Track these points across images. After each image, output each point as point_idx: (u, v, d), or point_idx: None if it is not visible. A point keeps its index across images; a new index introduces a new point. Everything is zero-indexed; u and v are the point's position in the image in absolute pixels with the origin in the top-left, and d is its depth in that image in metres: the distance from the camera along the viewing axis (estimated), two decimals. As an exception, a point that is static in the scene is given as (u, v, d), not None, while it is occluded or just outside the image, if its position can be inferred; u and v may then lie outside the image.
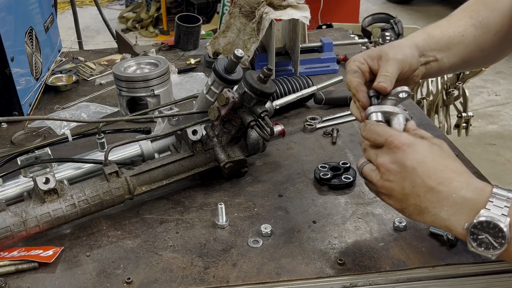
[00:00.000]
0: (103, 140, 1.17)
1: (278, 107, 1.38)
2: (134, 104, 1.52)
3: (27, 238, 0.99)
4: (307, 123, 1.39)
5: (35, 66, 1.62)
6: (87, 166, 1.13)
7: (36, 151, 1.10)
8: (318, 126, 1.39)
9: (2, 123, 1.48)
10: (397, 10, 6.16)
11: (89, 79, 1.79)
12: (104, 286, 0.90)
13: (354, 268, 0.91)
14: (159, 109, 1.26)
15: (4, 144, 1.38)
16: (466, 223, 0.75)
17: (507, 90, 4.30)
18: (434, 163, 0.80)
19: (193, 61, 1.86)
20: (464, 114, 2.40)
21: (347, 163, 1.19)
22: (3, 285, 0.90)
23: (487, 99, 4.16)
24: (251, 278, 0.90)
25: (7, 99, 1.45)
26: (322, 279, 0.90)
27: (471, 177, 0.79)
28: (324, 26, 3.64)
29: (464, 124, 2.43)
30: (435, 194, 0.78)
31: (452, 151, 0.84)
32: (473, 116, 2.43)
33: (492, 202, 0.74)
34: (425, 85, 2.53)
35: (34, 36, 1.64)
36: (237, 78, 1.14)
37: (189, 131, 1.11)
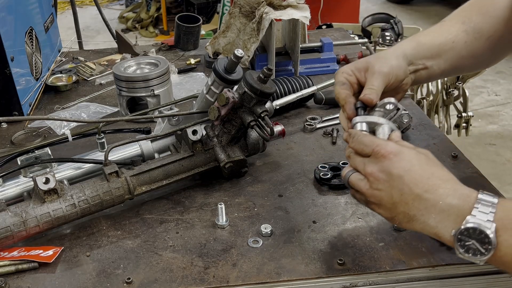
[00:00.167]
0: (103, 140, 1.17)
1: (278, 107, 1.38)
2: (134, 104, 1.52)
3: (27, 238, 0.99)
4: (307, 123, 1.39)
5: (35, 66, 1.62)
6: (87, 166, 1.13)
7: (36, 151, 1.10)
8: (318, 126, 1.39)
9: (2, 123, 1.48)
10: (397, 10, 6.16)
11: (89, 79, 1.79)
12: (104, 286, 0.90)
13: (354, 268, 0.91)
14: (159, 109, 1.26)
15: (4, 144, 1.38)
16: (453, 230, 0.75)
17: (507, 90, 4.30)
18: (420, 171, 0.81)
19: (193, 61, 1.86)
20: (464, 114, 2.40)
21: (347, 163, 1.18)
22: (3, 285, 0.90)
23: (487, 99, 4.16)
24: (251, 278, 0.90)
25: (7, 99, 1.45)
26: (322, 279, 0.90)
27: (457, 183, 0.80)
28: (324, 26, 3.64)
29: (464, 124, 2.43)
30: (423, 201, 0.79)
31: (437, 160, 0.84)
32: (473, 116, 2.42)
33: (477, 208, 0.74)
34: (425, 85, 2.52)
35: (34, 36, 1.64)
36: (237, 78, 1.14)
37: (189, 131, 1.11)
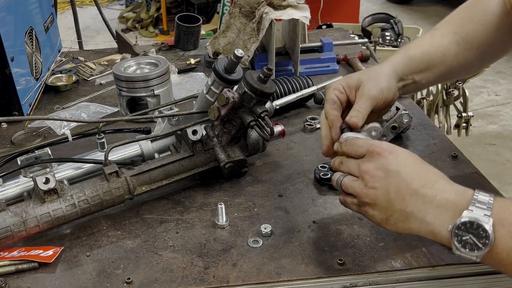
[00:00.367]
0: (103, 140, 1.17)
1: (278, 107, 1.38)
2: (134, 104, 1.52)
3: (27, 238, 0.99)
4: (307, 123, 1.39)
5: (35, 66, 1.62)
6: (87, 166, 1.13)
7: (36, 151, 1.10)
8: (318, 126, 1.39)
9: (2, 123, 1.48)
10: (397, 10, 6.16)
11: (89, 79, 1.79)
12: (104, 286, 0.90)
13: (354, 268, 0.91)
14: (159, 109, 1.26)
15: (4, 144, 1.38)
16: (450, 225, 0.75)
17: (507, 90, 4.30)
18: (416, 167, 0.82)
19: (193, 61, 1.86)
20: (464, 114, 2.40)
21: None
22: (3, 285, 0.90)
23: (487, 99, 4.16)
24: (251, 278, 0.91)
25: (7, 99, 1.45)
26: (322, 279, 0.90)
27: (451, 181, 0.81)
28: (324, 26, 3.64)
29: (464, 124, 2.42)
30: (420, 197, 0.79)
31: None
32: (473, 116, 2.42)
33: (474, 204, 0.75)
34: (425, 85, 2.52)
35: (34, 36, 1.64)
36: (237, 78, 1.14)
37: (189, 131, 1.11)
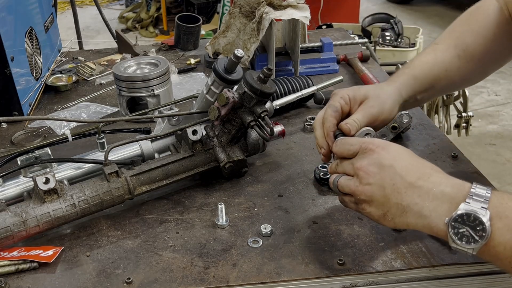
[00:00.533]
0: (103, 140, 1.17)
1: (278, 107, 1.38)
2: (134, 104, 1.52)
3: (27, 238, 0.99)
4: (307, 123, 1.39)
5: (35, 66, 1.62)
6: (87, 166, 1.13)
7: (36, 151, 1.10)
8: (318, 126, 1.39)
9: (2, 123, 1.48)
10: (397, 10, 6.15)
11: (89, 79, 1.79)
12: (104, 286, 0.90)
13: (354, 268, 0.91)
14: (159, 109, 1.26)
15: (4, 144, 1.38)
16: (447, 218, 0.75)
17: (507, 90, 4.30)
18: (410, 160, 0.83)
19: (193, 61, 1.86)
20: (464, 114, 2.40)
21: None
22: (3, 285, 0.90)
23: (487, 99, 4.16)
24: (251, 278, 0.91)
25: (7, 99, 1.45)
26: (322, 279, 0.90)
27: (448, 175, 0.81)
28: (324, 26, 3.64)
29: (464, 124, 2.42)
30: (416, 189, 0.79)
31: None
32: (473, 116, 2.42)
33: (471, 197, 0.75)
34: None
35: (34, 36, 1.64)
36: (237, 78, 1.14)
37: (189, 131, 1.11)
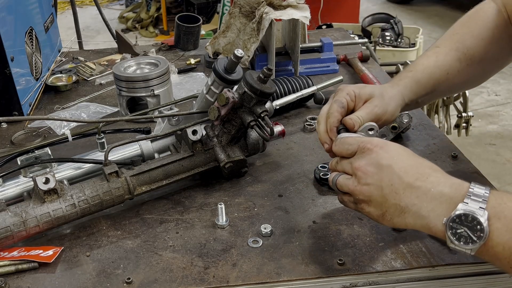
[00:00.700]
0: (103, 140, 1.17)
1: (278, 107, 1.38)
2: (134, 104, 1.52)
3: (27, 238, 0.99)
4: (307, 123, 1.39)
5: (35, 66, 1.62)
6: (87, 166, 1.13)
7: (36, 151, 1.10)
8: (318, 126, 1.39)
9: (2, 123, 1.48)
10: (397, 10, 6.15)
11: (89, 79, 1.79)
12: (104, 286, 0.90)
13: (354, 268, 0.91)
14: (159, 109, 1.26)
15: (4, 144, 1.38)
16: (445, 218, 0.75)
17: (507, 90, 4.30)
18: (409, 160, 0.82)
19: (193, 61, 1.86)
20: (464, 114, 2.40)
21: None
22: (3, 285, 0.90)
23: (487, 99, 4.16)
24: (251, 278, 0.90)
25: (7, 99, 1.45)
26: (322, 279, 0.90)
27: (447, 174, 0.80)
28: (324, 26, 3.64)
29: (464, 124, 2.42)
30: (414, 190, 0.79)
31: None
32: (473, 116, 2.42)
33: (469, 197, 0.74)
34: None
35: (34, 36, 1.64)
36: (237, 78, 1.14)
37: (189, 131, 1.11)
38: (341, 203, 0.93)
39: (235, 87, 1.11)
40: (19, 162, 1.09)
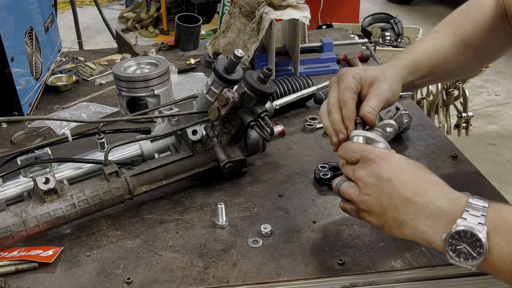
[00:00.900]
0: (103, 140, 1.17)
1: (278, 107, 1.38)
2: (134, 104, 1.52)
3: (27, 238, 0.99)
4: (307, 123, 1.39)
5: (35, 66, 1.62)
6: (87, 166, 1.13)
7: (36, 151, 1.10)
8: (318, 126, 1.39)
9: (2, 123, 1.48)
10: (397, 10, 6.15)
11: (89, 79, 1.79)
12: (104, 286, 0.90)
13: (354, 268, 0.91)
14: (159, 109, 1.26)
15: (4, 144, 1.38)
16: (444, 234, 0.74)
17: (507, 90, 4.30)
18: (409, 174, 0.80)
19: (193, 61, 1.86)
20: (464, 114, 2.40)
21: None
22: (3, 285, 0.90)
23: (487, 99, 4.16)
24: (251, 278, 0.90)
25: (7, 99, 1.45)
26: (322, 279, 0.90)
27: (447, 187, 0.79)
28: (324, 26, 3.65)
29: (464, 124, 2.43)
30: (412, 205, 0.78)
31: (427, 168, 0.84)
32: (473, 116, 2.42)
33: (468, 212, 0.74)
34: (425, 85, 2.52)
35: (34, 36, 1.64)
36: (237, 78, 1.14)
37: (189, 131, 1.11)
38: (342, 211, 0.92)
39: (235, 87, 1.11)
40: (19, 162, 1.09)
